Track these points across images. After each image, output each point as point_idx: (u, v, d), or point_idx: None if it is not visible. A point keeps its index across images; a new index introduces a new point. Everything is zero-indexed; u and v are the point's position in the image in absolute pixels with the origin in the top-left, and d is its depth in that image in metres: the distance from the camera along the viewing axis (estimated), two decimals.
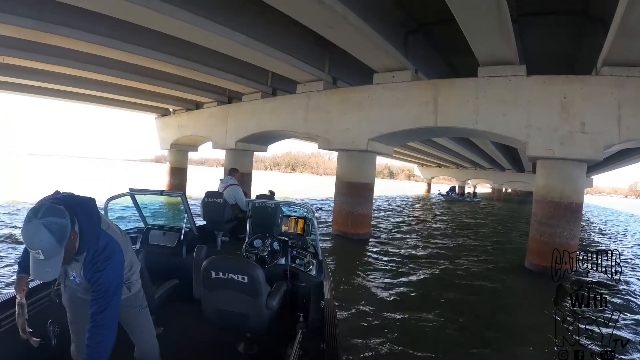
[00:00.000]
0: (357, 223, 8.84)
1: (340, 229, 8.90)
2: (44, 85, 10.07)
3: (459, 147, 17.28)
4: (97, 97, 11.57)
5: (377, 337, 3.55)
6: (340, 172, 9.04)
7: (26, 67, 8.67)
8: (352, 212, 8.82)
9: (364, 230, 8.99)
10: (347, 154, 8.84)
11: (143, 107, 12.76)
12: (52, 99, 11.73)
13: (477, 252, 8.42)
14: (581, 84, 5.98)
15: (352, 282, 5.34)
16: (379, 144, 8.53)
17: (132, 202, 3.03)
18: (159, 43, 7.15)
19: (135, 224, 3.54)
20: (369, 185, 9.06)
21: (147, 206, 2.59)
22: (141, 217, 3.13)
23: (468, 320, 4.23)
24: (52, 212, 1.20)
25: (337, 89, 8.72)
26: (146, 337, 1.76)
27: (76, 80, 9.71)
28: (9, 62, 8.27)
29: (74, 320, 1.66)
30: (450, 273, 6.32)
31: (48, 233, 1.16)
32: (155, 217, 8.75)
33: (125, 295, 1.60)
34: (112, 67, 8.56)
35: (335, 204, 9.21)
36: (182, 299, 2.48)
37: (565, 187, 6.31)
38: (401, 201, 24.37)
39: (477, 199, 29.10)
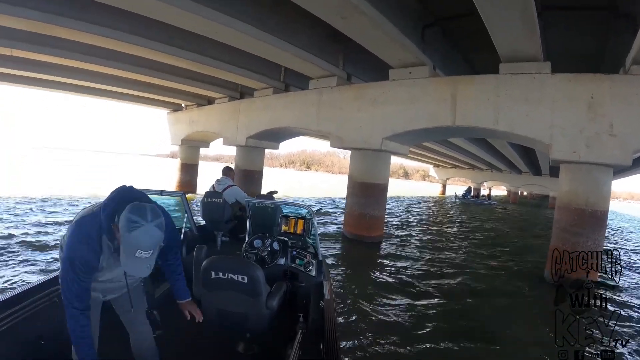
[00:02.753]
0: (369, 225, 8.86)
1: (352, 231, 8.95)
2: (55, 78, 10.52)
3: (476, 147, 17.08)
4: (110, 92, 12.01)
5: (377, 338, 3.61)
6: (352, 172, 9.08)
7: (36, 60, 9.03)
8: (364, 214, 8.85)
9: (376, 232, 9.01)
10: (360, 153, 8.88)
11: (155, 102, 13.16)
12: (64, 92, 12.22)
13: (493, 258, 8.32)
14: (610, 82, 5.84)
15: (359, 284, 5.40)
16: (394, 143, 8.53)
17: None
18: (170, 37, 7.40)
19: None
20: (383, 186, 9.07)
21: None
22: None
23: (470, 325, 4.24)
24: (156, 213, 1.35)
25: (350, 85, 8.78)
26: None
27: (88, 74, 10.11)
28: (17, 54, 8.63)
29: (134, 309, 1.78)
30: (462, 279, 6.28)
31: (160, 232, 1.32)
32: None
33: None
34: (124, 61, 8.89)
35: (347, 205, 9.26)
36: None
37: (591, 194, 6.17)
38: (415, 203, 24.28)
39: (492, 202, 28.79)
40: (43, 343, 1.88)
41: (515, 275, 6.96)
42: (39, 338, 1.89)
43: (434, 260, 7.61)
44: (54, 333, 1.95)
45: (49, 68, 9.50)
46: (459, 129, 7.48)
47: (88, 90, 11.85)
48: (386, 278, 5.96)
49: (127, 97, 12.67)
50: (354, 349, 3.40)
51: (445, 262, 7.58)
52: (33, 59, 8.82)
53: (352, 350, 3.37)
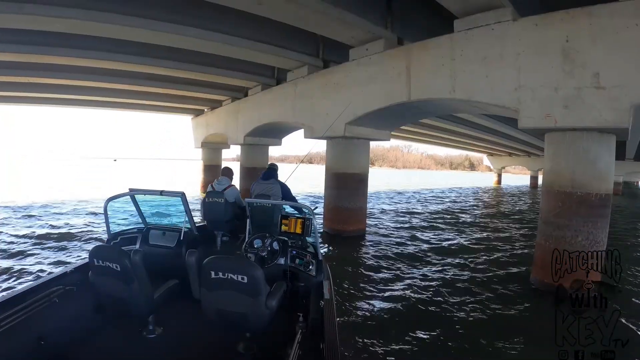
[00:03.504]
0: (346, 218, 8.32)
1: (329, 225, 8.52)
2: (88, 98, 12.51)
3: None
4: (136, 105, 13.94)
5: (377, 338, 3.58)
6: (327, 163, 8.68)
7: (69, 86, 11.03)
8: (339, 207, 8.36)
9: (354, 226, 8.40)
10: (331, 141, 8.44)
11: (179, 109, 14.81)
12: (96, 109, 14.68)
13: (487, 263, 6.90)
14: (589, 18, 4.31)
15: (339, 278, 5.22)
16: (363, 128, 7.84)
17: (132, 202, 3.17)
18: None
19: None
20: (360, 176, 8.41)
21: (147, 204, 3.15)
22: (141, 217, 3.25)
23: (467, 322, 4.05)
24: None
25: (318, 72, 8.39)
26: None
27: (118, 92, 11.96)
28: (59, 82, 10.66)
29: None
30: (456, 272, 5.75)
31: None
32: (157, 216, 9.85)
33: None
34: (150, 78, 10.28)
35: (325, 198, 8.87)
36: (182, 299, 2.62)
37: (578, 171, 4.65)
38: (457, 194, 22.18)
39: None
40: (43, 343, 1.95)
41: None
42: (39, 338, 1.96)
43: (421, 251, 7.03)
44: (53, 333, 2.02)
45: (85, 90, 11.52)
46: (417, 104, 6.46)
47: (127, 105, 13.97)
48: (366, 272, 5.73)
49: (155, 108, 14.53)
50: (353, 348, 3.40)
51: (434, 251, 6.87)
52: (67, 84, 10.83)
53: (351, 350, 3.37)
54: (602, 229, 4.65)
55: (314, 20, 6.28)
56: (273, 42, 7.57)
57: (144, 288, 2.22)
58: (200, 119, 15.19)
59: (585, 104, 4.41)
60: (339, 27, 6.52)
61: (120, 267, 2.10)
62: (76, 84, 10.67)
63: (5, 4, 5.31)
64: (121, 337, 2.26)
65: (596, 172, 4.63)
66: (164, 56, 8.41)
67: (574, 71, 4.46)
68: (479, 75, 5.31)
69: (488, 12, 5.17)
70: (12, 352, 1.80)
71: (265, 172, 3.96)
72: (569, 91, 4.51)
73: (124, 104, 13.52)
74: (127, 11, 6.00)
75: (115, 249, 2.38)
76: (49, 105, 14.10)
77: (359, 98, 7.17)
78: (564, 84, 4.55)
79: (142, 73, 9.69)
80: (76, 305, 2.29)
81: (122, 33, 6.73)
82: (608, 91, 4.25)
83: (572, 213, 4.68)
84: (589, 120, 4.41)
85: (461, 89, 5.53)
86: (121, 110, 15.04)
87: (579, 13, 4.40)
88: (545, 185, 5.06)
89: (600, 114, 4.32)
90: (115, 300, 2.23)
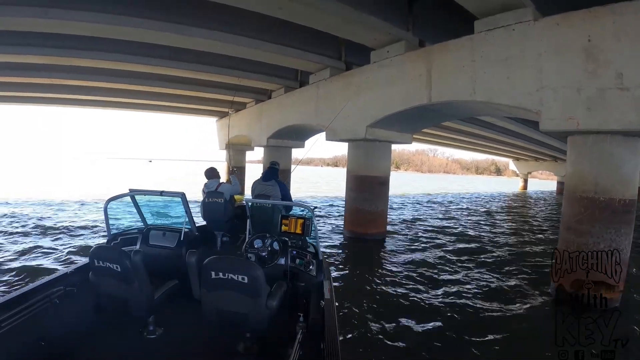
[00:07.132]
0: (367, 222, 8.65)
1: (350, 228, 8.90)
2: (121, 100, 13.72)
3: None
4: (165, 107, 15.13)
5: (377, 338, 3.77)
6: (349, 165, 9.06)
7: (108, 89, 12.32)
8: (361, 209, 8.70)
9: (375, 229, 8.71)
10: (353, 144, 8.82)
11: (205, 112, 15.87)
12: (128, 110, 16.08)
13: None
14: (612, 16, 4.41)
15: (354, 282, 5.64)
16: (384, 130, 8.16)
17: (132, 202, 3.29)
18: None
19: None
20: (382, 179, 8.71)
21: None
22: (141, 217, 3.36)
23: (469, 326, 4.13)
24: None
25: (340, 75, 8.82)
26: None
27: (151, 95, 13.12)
28: (100, 85, 11.94)
29: None
30: (461, 278, 5.91)
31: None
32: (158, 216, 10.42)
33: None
34: (178, 81, 11.24)
35: (346, 201, 9.24)
36: (182, 299, 2.73)
37: (601, 175, 4.72)
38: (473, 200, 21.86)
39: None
40: (44, 344, 2.02)
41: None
42: (39, 339, 2.04)
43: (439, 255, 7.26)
44: (54, 334, 2.08)
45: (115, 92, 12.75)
46: (438, 107, 6.71)
47: (148, 107, 15.19)
48: (382, 275, 6.01)
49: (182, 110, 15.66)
50: (353, 348, 3.56)
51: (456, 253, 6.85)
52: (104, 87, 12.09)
53: (351, 350, 3.52)
54: (626, 235, 4.67)
55: (334, 24, 6.68)
56: (295, 45, 8.06)
57: (145, 288, 2.34)
58: (224, 121, 16.17)
59: (608, 105, 4.49)
60: (360, 30, 6.89)
61: (120, 268, 2.21)
62: (107, 86, 11.81)
63: (31, 8, 5.78)
64: (121, 338, 2.34)
65: (620, 176, 4.67)
66: (192, 59, 9.15)
67: (597, 71, 4.56)
68: (500, 76, 5.50)
69: (508, 13, 5.36)
70: (13, 353, 1.86)
71: (266, 173, 4.10)
72: (592, 92, 4.61)
73: (154, 105, 14.79)
74: (157, 17, 6.58)
75: (115, 249, 2.51)
76: (83, 107, 15.62)
77: (380, 100, 7.51)
78: (586, 84, 4.66)
79: (171, 76, 10.58)
80: (77, 305, 2.40)
81: (154, 38, 7.41)
82: (632, 92, 4.33)
83: (594, 219, 4.73)
84: (613, 123, 4.49)
85: (481, 91, 5.73)
86: (151, 112, 16.40)
87: (602, 11, 4.51)
88: (568, 190, 5.13)
89: (624, 115, 4.39)
90: (116, 300, 2.35)
